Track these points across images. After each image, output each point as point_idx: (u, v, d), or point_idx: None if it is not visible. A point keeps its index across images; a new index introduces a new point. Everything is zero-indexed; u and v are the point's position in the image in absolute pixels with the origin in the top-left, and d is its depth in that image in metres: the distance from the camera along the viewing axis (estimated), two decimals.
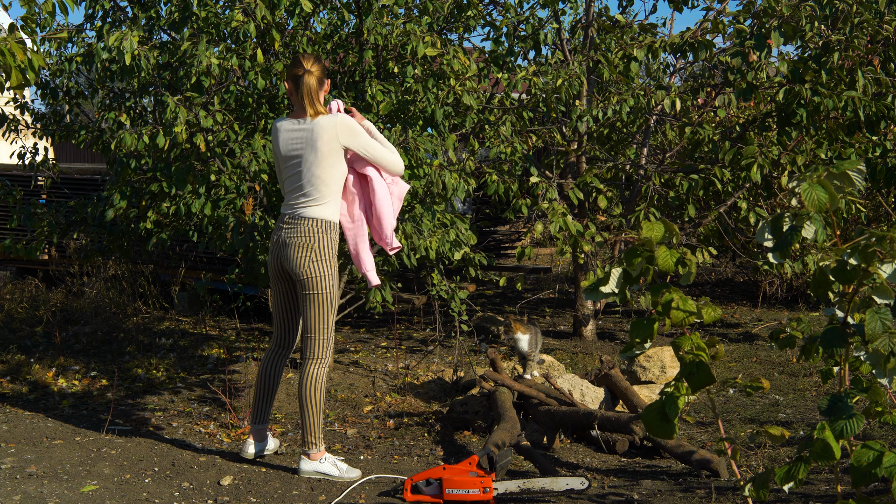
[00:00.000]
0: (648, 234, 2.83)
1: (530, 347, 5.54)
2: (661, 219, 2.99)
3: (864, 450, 2.60)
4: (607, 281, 2.91)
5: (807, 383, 6.25)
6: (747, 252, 8.31)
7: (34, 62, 3.68)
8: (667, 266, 2.81)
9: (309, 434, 4.45)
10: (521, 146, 6.00)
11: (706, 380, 2.79)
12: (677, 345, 2.87)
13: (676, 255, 2.83)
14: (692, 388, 2.81)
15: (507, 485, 4.14)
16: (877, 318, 2.63)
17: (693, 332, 2.90)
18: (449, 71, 5.53)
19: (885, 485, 3.60)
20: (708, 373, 2.79)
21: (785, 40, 6.10)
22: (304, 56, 4.34)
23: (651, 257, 2.83)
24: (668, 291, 2.84)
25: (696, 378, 2.79)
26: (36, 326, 7.64)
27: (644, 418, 2.87)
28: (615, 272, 2.91)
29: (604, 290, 2.91)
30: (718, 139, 7.05)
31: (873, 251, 2.60)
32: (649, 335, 2.86)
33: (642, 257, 2.85)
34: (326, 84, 4.38)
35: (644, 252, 2.85)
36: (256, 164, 5.19)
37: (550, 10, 6.78)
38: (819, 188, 2.69)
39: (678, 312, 2.81)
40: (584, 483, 4.12)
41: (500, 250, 11.10)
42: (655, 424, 2.85)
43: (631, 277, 2.89)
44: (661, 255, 2.82)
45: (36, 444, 4.93)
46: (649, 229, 2.84)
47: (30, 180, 8.70)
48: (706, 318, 2.85)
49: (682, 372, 2.83)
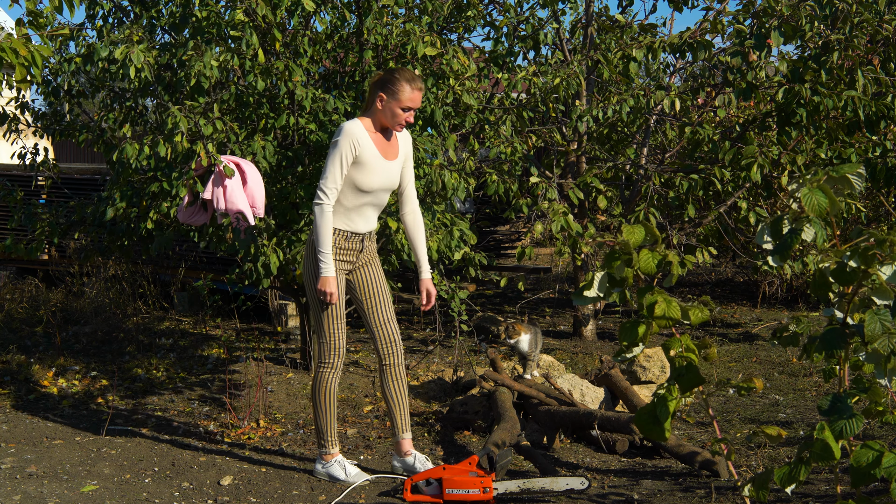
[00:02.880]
0: (628, 238, 2.84)
1: (530, 347, 5.54)
2: (642, 222, 2.99)
3: (863, 450, 2.60)
4: (591, 286, 2.93)
5: (807, 383, 6.25)
6: (747, 252, 8.31)
7: (37, 58, 3.67)
8: (648, 268, 2.82)
9: (317, 436, 4.48)
10: (521, 146, 6.00)
11: (695, 381, 2.80)
12: (667, 346, 2.88)
13: (658, 257, 2.83)
14: (681, 390, 2.82)
15: (507, 485, 4.14)
16: (876, 318, 2.63)
17: (684, 334, 2.91)
18: (449, 71, 5.53)
19: (884, 485, 3.60)
20: (697, 374, 2.80)
21: (785, 40, 6.09)
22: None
23: (630, 260, 2.84)
24: (653, 294, 2.84)
25: (685, 380, 2.80)
26: (36, 326, 7.64)
27: (637, 421, 2.88)
28: (598, 276, 2.93)
29: (588, 295, 2.93)
30: (718, 139, 7.05)
31: (873, 253, 2.60)
32: (635, 339, 2.87)
33: (621, 260, 2.87)
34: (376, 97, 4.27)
35: (623, 255, 2.86)
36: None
37: (550, 10, 6.78)
38: (819, 193, 2.69)
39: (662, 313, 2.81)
40: (584, 483, 4.12)
41: (500, 250, 11.10)
42: (647, 427, 2.86)
43: (616, 281, 2.90)
44: (643, 257, 2.83)
45: (36, 444, 4.94)
46: (629, 233, 2.86)
47: (30, 180, 8.69)
48: (693, 319, 2.85)
49: (671, 374, 2.84)
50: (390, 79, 4.22)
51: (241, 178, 4.96)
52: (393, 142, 4.35)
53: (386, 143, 4.31)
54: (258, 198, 5.02)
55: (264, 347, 7.10)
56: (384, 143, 4.30)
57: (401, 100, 4.20)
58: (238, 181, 4.94)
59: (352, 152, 4.17)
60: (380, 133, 4.30)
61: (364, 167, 4.21)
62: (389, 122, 4.25)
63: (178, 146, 4.95)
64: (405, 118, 4.24)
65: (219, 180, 4.95)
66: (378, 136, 4.29)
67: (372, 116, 4.29)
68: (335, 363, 4.39)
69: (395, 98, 4.20)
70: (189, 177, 5.03)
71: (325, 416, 4.42)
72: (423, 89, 4.22)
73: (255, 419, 5.36)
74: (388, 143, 4.32)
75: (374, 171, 4.24)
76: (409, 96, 4.20)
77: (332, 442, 4.46)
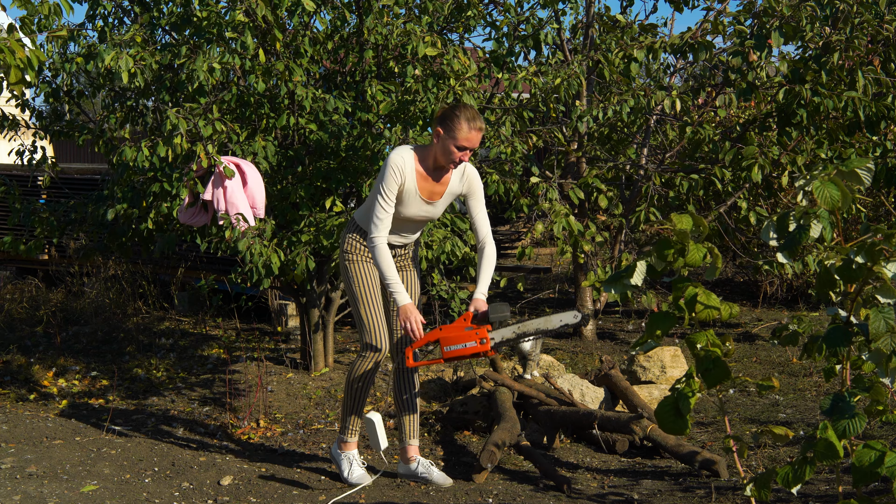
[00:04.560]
0: (679, 226, 2.79)
1: (531, 347, 5.54)
2: (689, 212, 2.96)
3: (865, 449, 2.59)
4: (632, 273, 2.87)
5: (807, 383, 6.24)
6: (747, 252, 8.30)
7: (33, 60, 3.67)
8: (695, 260, 2.79)
9: (341, 420, 4.47)
10: (522, 146, 6.00)
11: (722, 375, 2.78)
12: (692, 341, 2.85)
13: (703, 250, 2.80)
14: (708, 384, 2.79)
15: (503, 332, 4.18)
16: (881, 316, 2.62)
17: (700, 332, 2.88)
18: (449, 71, 5.53)
19: (885, 485, 3.60)
20: (725, 368, 2.78)
21: (785, 40, 6.09)
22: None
23: (683, 250, 2.79)
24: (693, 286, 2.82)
25: (712, 374, 2.78)
26: (36, 326, 7.63)
27: (658, 414, 2.85)
28: (640, 265, 2.87)
29: (631, 282, 2.87)
30: (719, 139, 7.05)
31: (880, 249, 2.59)
32: (669, 328, 2.85)
33: (675, 249, 2.81)
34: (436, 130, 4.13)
35: (677, 244, 2.81)
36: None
37: (550, 10, 6.78)
38: (832, 186, 2.68)
39: (704, 308, 2.79)
40: (577, 316, 4.17)
41: (501, 250, 11.10)
42: (669, 420, 2.83)
43: (656, 272, 2.86)
44: (692, 249, 2.79)
45: (36, 444, 4.93)
46: (681, 222, 2.80)
47: (28, 180, 8.69)
48: (724, 315, 2.83)
49: (698, 367, 2.81)
50: (450, 115, 4.07)
51: (241, 179, 4.97)
52: (443, 181, 4.21)
53: (433, 182, 4.19)
54: (258, 198, 5.03)
55: (264, 347, 7.10)
56: (430, 183, 4.19)
57: (457, 138, 4.04)
58: (238, 182, 4.95)
59: (396, 183, 4.08)
60: (431, 169, 4.18)
61: (400, 200, 4.14)
62: (443, 158, 4.11)
63: (177, 147, 4.95)
64: (460, 157, 4.09)
65: (219, 181, 4.95)
66: (425, 172, 4.17)
67: (427, 150, 4.18)
68: (372, 355, 4.26)
69: (451, 136, 4.05)
70: (189, 178, 5.03)
71: (351, 404, 4.37)
72: (484, 129, 4.08)
73: (255, 419, 5.36)
74: (435, 182, 4.19)
75: (410, 205, 4.17)
76: (465, 136, 4.04)
77: (350, 431, 4.42)
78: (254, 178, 5.01)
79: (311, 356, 6.31)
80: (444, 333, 4.13)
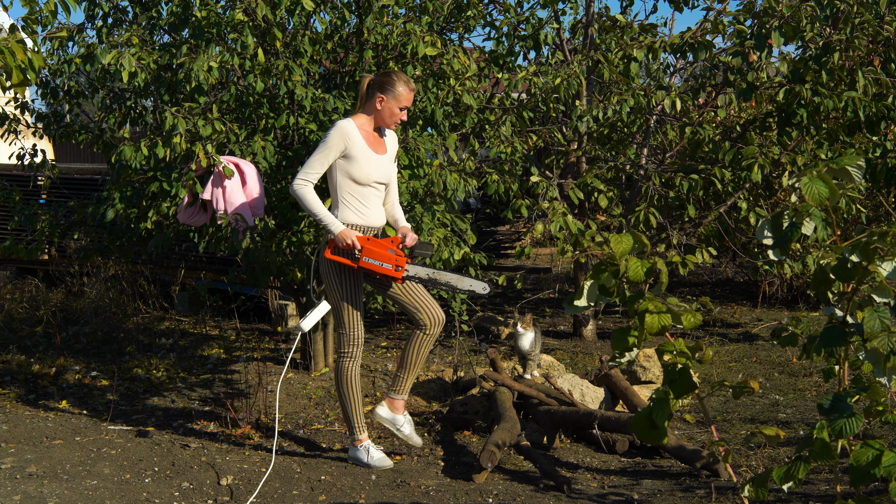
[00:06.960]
0: (615, 248, 2.87)
1: (531, 346, 5.55)
2: (631, 231, 3.02)
3: (863, 449, 2.60)
4: (581, 295, 2.97)
5: (807, 383, 6.24)
6: (747, 252, 8.30)
7: (34, 62, 3.68)
8: (637, 277, 2.85)
9: (346, 423, 4.69)
10: (522, 146, 6.00)
11: (688, 387, 2.81)
12: (661, 351, 2.89)
13: (647, 266, 2.85)
14: (675, 395, 2.82)
15: (417, 269, 4.50)
16: (875, 316, 2.63)
17: (678, 338, 2.91)
18: (449, 71, 5.53)
19: (884, 484, 3.60)
20: (689, 380, 2.81)
21: (785, 40, 6.09)
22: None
23: (617, 271, 2.87)
24: (644, 300, 2.85)
25: (678, 385, 2.81)
26: (36, 326, 7.64)
27: (633, 425, 2.89)
28: (586, 285, 2.96)
29: (578, 304, 2.97)
30: (719, 139, 7.05)
31: (874, 248, 2.60)
32: (627, 347, 2.88)
33: (609, 272, 2.90)
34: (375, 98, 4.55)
35: (610, 267, 2.89)
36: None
37: (550, 10, 6.77)
38: (819, 182, 2.70)
39: (653, 321, 2.82)
40: (486, 288, 4.51)
41: (500, 250, 11.09)
42: (645, 431, 2.87)
43: (606, 290, 2.92)
44: (632, 266, 2.86)
45: (36, 444, 4.93)
46: (616, 243, 2.89)
47: (29, 181, 8.69)
48: (686, 324, 2.85)
49: (665, 379, 2.85)
50: (388, 80, 4.54)
51: (240, 179, 4.98)
52: (382, 139, 4.67)
53: (376, 139, 4.63)
54: (258, 198, 5.05)
55: (264, 347, 7.10)
56: (374, 140, 4.61)
57: (400, 100, 4.55)
58: (237, 182, 4.96)
59: (340, 147, 4.48)
60: (370, 131, 4.61)
61: (356, 161, 4.51)
62: (387, 120, 4.59)
63: (176, 147, 4.96)
64: (400, 116, 4.59)
65: (218, 181, 4.96)
66: (368, 133, 4.59)
67: (368, 115, 4.60)
68: (354, 352, 4.60)
69: (394, 98, 4.53)
70: (189, 177, 5.03)
71: (351, 404, 4.62)
72: (415, 89, 4.68)
73: (255, 419, 5.36)
74: (378, 139, 4.64)
75: (366, 163, 4.53)
76: (406, 96, 4.56)
77: (359, 428, 4.64)
78: (253, 177, 5.02)
79: (311, 356, 6.32)
80: (370, 245, 4.46)
